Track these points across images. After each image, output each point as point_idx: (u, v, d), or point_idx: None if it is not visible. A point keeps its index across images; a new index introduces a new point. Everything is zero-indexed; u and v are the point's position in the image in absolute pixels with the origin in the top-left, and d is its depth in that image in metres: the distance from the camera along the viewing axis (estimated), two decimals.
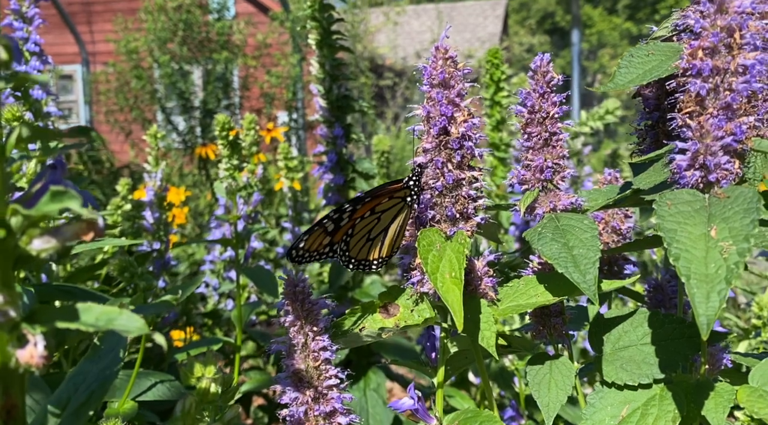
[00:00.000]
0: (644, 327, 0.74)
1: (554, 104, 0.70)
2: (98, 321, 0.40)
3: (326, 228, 0.72)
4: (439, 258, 0.64)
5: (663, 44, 0.70)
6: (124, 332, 0.39)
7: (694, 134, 0.61)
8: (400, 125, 8.99)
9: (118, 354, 0.51)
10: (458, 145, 0.66)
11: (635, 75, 0.67)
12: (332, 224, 0.72)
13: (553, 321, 0.76)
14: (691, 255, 0.55)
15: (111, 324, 0.40)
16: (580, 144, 2.43)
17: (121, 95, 7.58)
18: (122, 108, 7.75)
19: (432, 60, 0.67)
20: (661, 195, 0.60)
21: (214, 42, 6.87)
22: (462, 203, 0.68)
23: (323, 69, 1.79)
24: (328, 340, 0.66)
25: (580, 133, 2.41)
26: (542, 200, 0.72)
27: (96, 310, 0.41)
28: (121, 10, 8.91)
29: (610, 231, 0.95)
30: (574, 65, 7.45)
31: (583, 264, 0.63)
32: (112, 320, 0.40)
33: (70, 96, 11.39)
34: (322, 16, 1.76)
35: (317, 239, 0.72)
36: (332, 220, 0.72)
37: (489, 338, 0.66)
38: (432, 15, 15.99)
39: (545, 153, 0.71)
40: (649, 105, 0.75)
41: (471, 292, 0.71)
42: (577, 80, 7.17)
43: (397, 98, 11.05)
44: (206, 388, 0.53)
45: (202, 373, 0.53)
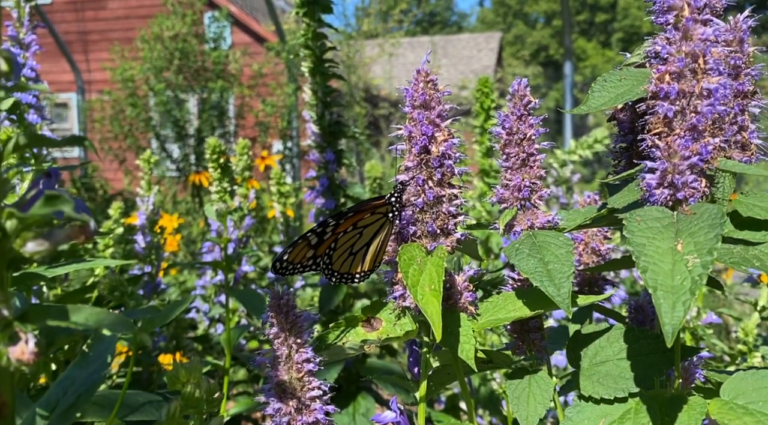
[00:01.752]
0: (620, 342, 0.76)
1: (531, 126, 0.73)
2: (88, 321, 0.42)
3: (310, 241, 0.75)
4: (420, 272, 0.66)
5: (635, 70, 0.74)
6: (113, 331, 0.41)
7: (662, 154, 0.64)
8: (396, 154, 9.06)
9: (105, 360, 0.53)
10: (438, 163, 0.69)
11: (607, 98, 0.70)
12: (316, 238, 0.75)
13: (531, 336, 0.78)
14: (658, 268, 0.57)
15: (100, 324, 0.42)
16: (569, 172, 2.47)
17: (116, 123, 7.62)
18: (116, 136, 7.79)
19: (413, 83, 0.70)
20: (631, 212, 0.63)
21: (210, 71, 6.95)
22: (442, 219, 0.70)
23: (316, 96, 1.83)
24: (312, 352, 0.68)
25: (569, 161, 2.45)
26: (520, 218, 0.75)
27: (86, 311, 0.43)
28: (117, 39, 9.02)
29: (590, 252, 0.98)
30: (567, 97, 7.55)
31: (558, 278, 0.66)
32: (101, 320, 0.42)
33: (65, 124, 11.45)
34: (315, 44, 1.80)
35: (301, 251, 0.75)
36: (316, 233, 0.75)
37: (468, 350, 0.68)
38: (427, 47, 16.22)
39: (523, 173, 0.74)
40: (623, 128, 0.78)
41: (451, 306, 0.73)
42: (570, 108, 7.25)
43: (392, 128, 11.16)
44: (191, 393, 0.55)
45: (187, 378, 0.55)
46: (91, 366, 0.52)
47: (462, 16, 37.13)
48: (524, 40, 28.51)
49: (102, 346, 0.55)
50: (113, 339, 0.55)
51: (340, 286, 1.80)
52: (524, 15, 30.31)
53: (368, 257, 0.77)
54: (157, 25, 6.82)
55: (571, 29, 8.40)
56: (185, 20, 6.78)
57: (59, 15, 11.25)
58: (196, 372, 0.55)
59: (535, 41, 27.98)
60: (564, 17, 7.43)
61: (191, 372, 0.55)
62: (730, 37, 0.70)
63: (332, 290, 1.80)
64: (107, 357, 0.53)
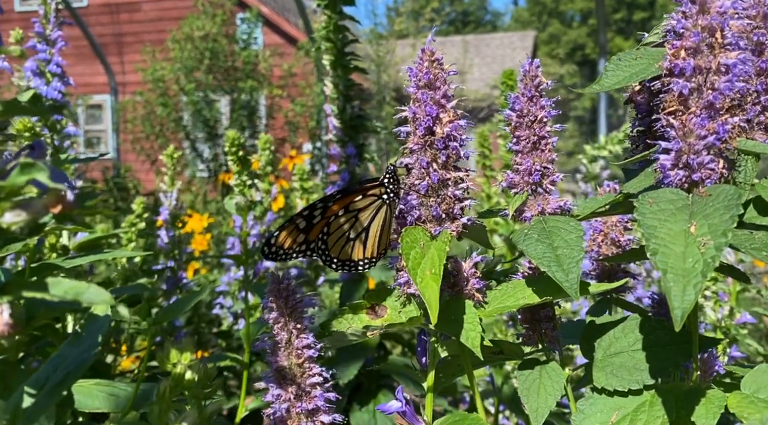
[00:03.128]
0: (635, 333, 0.73)
1: (542, 108, 0.71)
2: (66, 294, 0.41)
3: (297, 225, 0.73)
4: (422, 256, 0.64)
5: (652, 49, 0.71)
6: (90, 304, 0.40)
7: (677, 133, 0.61)
8: None
9: (96, 339, 0.52)
10: (443, 145, 0.67)
11: (621, 77, 0.67)
12: (304, 222, 0.73)
13: (543, 326, 0.75)
14: (669, 250, 0.54)
15: (78, 297, 0.41)
16: (599, 168, 2.42)
17: (147, 123, 7.72)
18: (148, 136, 7.89)
19: (418, 62, 0.68)
20: (643, 194, 0.60)
21: (240, 71, 7.00)
22: (448, 204, 0.68)
23: (337, 89, 1.82)
24: (312, 338, 0.66)
25: (599, 157, 2.40)
26: (531, 203, 0.72)
27: (65, 284, 0.42)
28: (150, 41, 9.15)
29: (609, 243, 0.94)
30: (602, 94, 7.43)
31: (567, 263, 0.63)
32: (80, 293, 0.41)
33: (100, 125, 11.65)
34: (336, 37, 1.79)
35: (290, 236, 0.73)
36: (303, 217, 0.73)
37: (474, 338, 0.66)
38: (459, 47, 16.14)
39: (534, 156, 0.71)
40: (641, 111, 0.75)
41: (457, 293, 0.71)
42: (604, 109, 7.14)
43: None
44: (181, 373, 0.54)
45: (178, 359, 0.54)
46: (83, 345, 0.52)
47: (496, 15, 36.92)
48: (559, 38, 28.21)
49: (95, 325, 0.54)
50: (106, 319, 0.55)
51: (361, 281, 1.79)
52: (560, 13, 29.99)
53: (369, 242, 0.75)
54: (188, 26, 6.90)
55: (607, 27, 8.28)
56: (215, 20, 6.84)
57: (95, 18, 11.46)
58: (188, 353, 0.54)
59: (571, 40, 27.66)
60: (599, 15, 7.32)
61: (182, 352, 0.54)
62: (753, 12, 0.67)
63: (353, 286, 1.78)
64: (98, 336, 0.52)
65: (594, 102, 21.06)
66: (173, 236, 2.10)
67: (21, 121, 1.15)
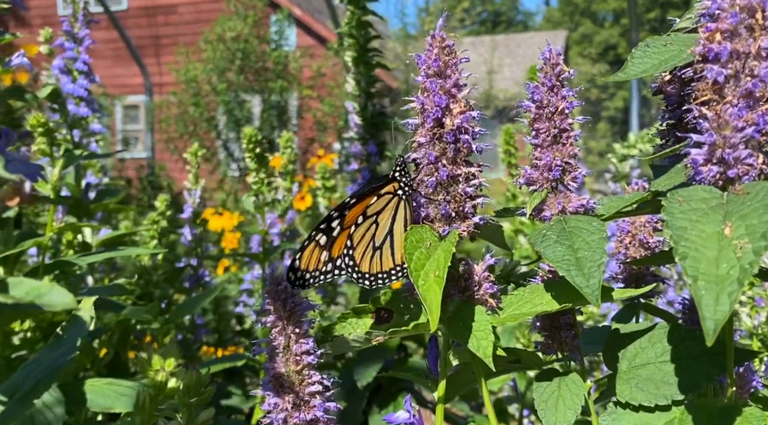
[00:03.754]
0: (663, 342, 0.67)
1: (564, 98, 0.65)
2: (27, 295, 0.38)
3: (318, 242, 0.66)
4: (427, 257, 0.59)
5: (684, 35, 0.65)
6: (50, 307, 0.36)
7: (711, 125, 0.55)
8: None
9: (74, 344, 0.49)
10: (453, 138, 0.62)
11: (649, 65, 0.61)
12: (324, 237, 0.66)
13: (563, 334, 0.70)
14: (700, 254, 0.49)
15: (39, 299, 0.37)
16: (629, 167, 2.34)
17: (180, 123, 7.79)
18: (182, 135, 7.97)
19: (428, 49, 0.63)
20: (672, 192, 0.55)
21: (270, 71, 7.02)
22: (458, 201, 0.63)
23: (359, 86, 1.78)
24: (313, 343, 0.62)
25: (629, 156, 2.32)
26: (551, 201, 0.67)
27: (26, 284, 0.38)
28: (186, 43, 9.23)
29: (637, 245, 0.89)
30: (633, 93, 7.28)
31: (588, 267, 0.58)
32: (41, 295, 0.38)
33: (137, 125, 11.81)
34: (359, 33, 1.75)
35: (312, 255, 0.66)
36: (322, 231, 0.66)
37: (485, 347, 0.61)
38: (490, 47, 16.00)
39: (554, 151, 0.66)
40: (671, 102, 0.70)
41: (468, 298, 0.66)
42: (636, 108, 6.99)
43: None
44: (163, 382, 0.50)
45: (160, 365, 0.50)
46: (61, 349, 0.48)
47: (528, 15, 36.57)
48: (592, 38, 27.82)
49: (75, 329, 0.50)
50: (88, 324, 0.51)
51: None
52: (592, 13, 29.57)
53: (397, 247, 0.67)
54: (220, 27, 6.94)
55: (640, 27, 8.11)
56: (247, 21, 6.87)
57: (133, 20, 11.62)
58: (172, 359, 0.50)
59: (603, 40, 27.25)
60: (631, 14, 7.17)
61: (166, 358, 0.50)
62: None
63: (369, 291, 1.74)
64: (77, 340, 0.49)
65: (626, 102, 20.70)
66: (195, 233, 2.08)
67: (35, 116, 1.14)
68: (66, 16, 2.11)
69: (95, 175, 2.38)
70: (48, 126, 1.14)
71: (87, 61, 2.06)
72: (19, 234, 1.37)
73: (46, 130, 1.14)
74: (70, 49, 2.05)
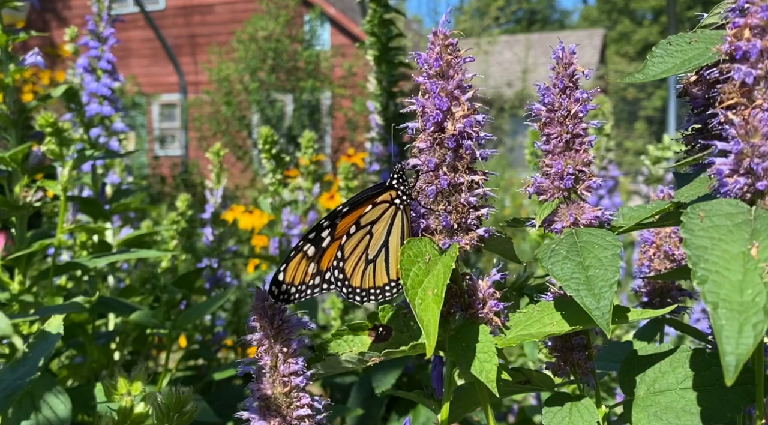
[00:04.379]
0: (686, 367, 0.62)
1: (577, 101, 0.60)
2: None
3: (306, 253, 0.61)
4: (426, 272, 0.55)
5: (710, 32, 0.59)
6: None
7: (737, 132, 0.50)
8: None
9: (37, 363, 0.45)
10: (455, 143, 0.57)
11: (671, 64, 0.56)
12: (312, 247, 0.61)
13: (575, 355, 0.65)
14: (722, 278, 0.44)
15: None
16: (662, 170, 2.25)
17: (213, 122, 7.85)
18: (215, 133, 8.03)
19: (429, 47, 0.59)
20: (693, 206, 0.49)
21: (302, 70, 7.02)
22: (460, 212, 0.59)
23: (380, 86, 1.74)
24: (302, 363, 0.58)
25: (663, 158, 2.24)
26: (562, 212, 0.62)
27: None
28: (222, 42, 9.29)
29: (661, 257, 0.83)
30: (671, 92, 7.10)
31: (598, 287, 0.53)
32: None
33: (173, 123, 11.95)
34: (381, 31, 1.71)
35: (299, 268, 0.61)
36: (311, 241, 0.61)
37: (489, 371, 0.56)
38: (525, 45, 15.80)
39: (566, 158, 0.61)
40: (697, 105, 0.64)
41: (471, 316, 0.61)
42: (674, 108, 6.82)
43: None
44: (128, 407, 0.46)
45: (126, 389, 0.47)
46: (22, 370, 0.45)
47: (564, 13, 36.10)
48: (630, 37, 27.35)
49: (41, 347, 0.47)
50: (56, 338, 0.48)
51: None
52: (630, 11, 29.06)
53: (392, 260, 0.62)
54: (252, 26, 6.96)
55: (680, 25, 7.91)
56: (278, 20, 6.87)
57: (170, 20, 11.77)
58: (139, 383, 0.47)
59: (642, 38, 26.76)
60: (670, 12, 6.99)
61: (132, 382, 0.47)
62: None
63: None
64: (41, 359, 0.46)
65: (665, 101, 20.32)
66: (216, 234, 2.07)
67: (43, 116, 1.12)
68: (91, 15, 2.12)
69: (119, 175, 2.38)
70: (57, 126, 1.12)
71: (111, 60, 2.05)
72: (34, 234, 1.36)
73: (56, 130, 1.12)
74: (94, 48, 2.05)
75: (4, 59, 1.28)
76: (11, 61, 1.28)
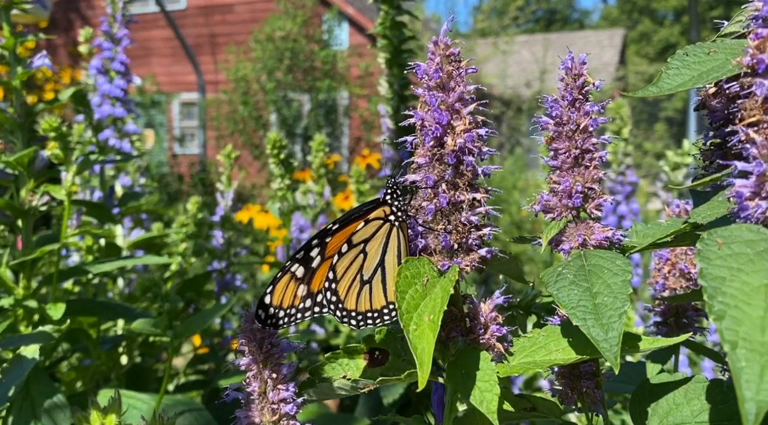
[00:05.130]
0: (702, 399, 0.58)
1: (587, 115, 0.57)
2: None
3: (294, 274, 0.58)
4: (423, 295, 0.51)
5: (731, 41, 0.55)
6: None
7: (759, 152, 0.46)
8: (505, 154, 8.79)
9: (8, 392, 0.43)
10: (455, 159, 0.54)
11: (688, 77, 0.52)
12: (301, 268, 0.58)
13: (583, 383, 0.61)
14: (742, 314, 0.40)
15: None
16: (682, 177, 2.20)
17: (230, 121, 7.87)
18: (232, 133, 8.05)
19: (429, 57, 0.55)
20: (710, 232, 0.46)
21: (319, 70, 7.00)
22: (460, 232, 0.55)
23: (392, 89, 1.70)
24: (293, 390, 0.55)
25: (682, 164, 2.18)
26: (570, 232, 0.58)
27: None
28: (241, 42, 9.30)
29: (677, 275, 0.79)
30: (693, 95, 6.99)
31: (607, 316, 0.49)
32: None
33: (193, 122, 12.01)
34: (393, 33, 1.68)
35: (288, 290, 0.57)
36: (299, 261, 0.58)
37: (490, 401, 0.53)
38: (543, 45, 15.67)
39: (575, 175, 0.58)
40: (716, 119, 0.60)
41: (472, 341, 0.58)
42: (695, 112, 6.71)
43: (503, 127, 10.85)
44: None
45: (100, 422, 0.44)
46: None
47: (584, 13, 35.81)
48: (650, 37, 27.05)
49: (17, 373, 0.45)
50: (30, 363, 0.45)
51: None
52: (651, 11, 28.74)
53: (389, 281, 0.58)
54: (269, 26, 6.96)
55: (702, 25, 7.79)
56: (296, 20, 6.86)
57: (191, 19, 11.82)
58: (113, 416, 0.44)
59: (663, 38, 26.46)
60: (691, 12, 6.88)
61: (107, 414, 0.44)
62: None
63: None
64: (11, 389, 0.43)
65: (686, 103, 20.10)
66: (226, 237, 2.05)
67: (47, 120, 1.10)
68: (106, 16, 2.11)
69: (131, 176, 2.37)
70: (61, 130, 1.11)
71: (124, 61, 2.04)
72: (41, 238, 1.35)
73: (60, 134, 1.10)
74: (107, 49, 2.04)
75: (12, 62, 1.27)
76: (19, 64, 1.27)
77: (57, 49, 11.38)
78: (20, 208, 1.22)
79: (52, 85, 6.11)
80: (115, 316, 1.30)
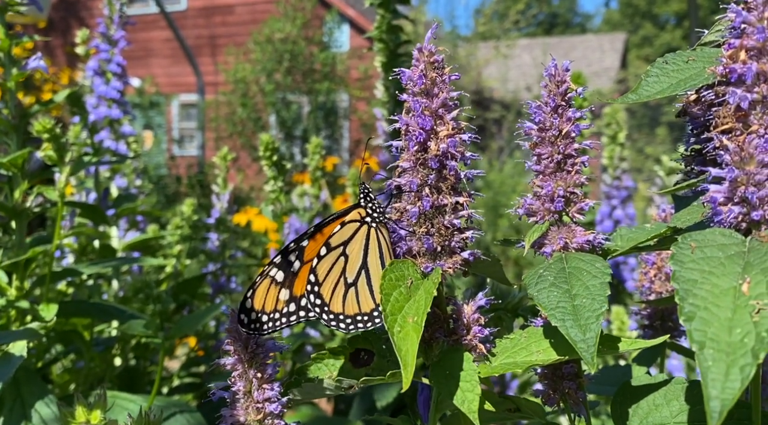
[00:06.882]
0: (680, 400, 0.59)
1: (569, 121, 0.58)
2: None
3: (275, 279, 0.58)
4: (407, 298, 0.52)
5: (709, 50, 0.57)
6: None
7: (732, 158, 0.47)
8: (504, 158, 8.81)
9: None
10: (438, 164, 0.55)
11: (666, 85, 0.53)
12: (280, 272, 0.58)
13: (565, 384, 0.62)
14: (711, 315, 0.41)
15: None
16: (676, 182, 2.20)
17: (229, 122, 7.88)
18: (231, 134, 8.06)
19: (414, 63, 0.56)
20: (684, 236, 0.47)
21: (318, 72, 7.02)
22: (443, 235, 0.56)
23: (388, 92, 1.72)
24: (277, 389, 0.56)
25: (677, 169, 2.19)
26: (552, 235, 0.59)
27: None
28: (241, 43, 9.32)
29: (663, 279, 0.80)
30: None
31: (585, 318, 0.50)
32: None
33: (192, 123, 12.02)
34: (389, 37, 1.69)
35: (269, 294, 0.58)
36: (278, 266, 0.58)
37: (471, 401, 0.54)
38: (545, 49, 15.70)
39: (557, 179, 0.59)
40: (696, 125, 0.61)
41: (455, 342, 0.59)
42: None
43: (504, 131, 10.87)
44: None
45: (85, 418, 0.45)
46: None
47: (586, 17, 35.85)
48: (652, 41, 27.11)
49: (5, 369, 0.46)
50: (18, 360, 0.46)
51: None
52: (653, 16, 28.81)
53: (375, 282, 0.59)
54: (268, 28, 6.98)
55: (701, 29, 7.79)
56: (295, 23, 6.88)
57: (191, 21, 11.84)
58: (98, 412, 0.45)
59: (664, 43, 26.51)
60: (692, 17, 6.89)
61: (92, 410, 0.45)
62: None
63: None
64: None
65: None
66: (221, 239, 2.06)
67: (40, 122, 1.11)
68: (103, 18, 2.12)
69: (127, 178, 2.37)
70: (54, 131, 1.11)
71: (121, 62, 2.05)
72: (35, 239, 1.36)
73: (53, 136, 1.11)
74: (104, 51, 2.05)
75: (7, 63, 1.28)
76: (14, 65, 1.28)
77: (55, 51, 11.40)
78: (14, 209, 1.23)
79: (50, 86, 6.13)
80: (108, 318, 1.31)
